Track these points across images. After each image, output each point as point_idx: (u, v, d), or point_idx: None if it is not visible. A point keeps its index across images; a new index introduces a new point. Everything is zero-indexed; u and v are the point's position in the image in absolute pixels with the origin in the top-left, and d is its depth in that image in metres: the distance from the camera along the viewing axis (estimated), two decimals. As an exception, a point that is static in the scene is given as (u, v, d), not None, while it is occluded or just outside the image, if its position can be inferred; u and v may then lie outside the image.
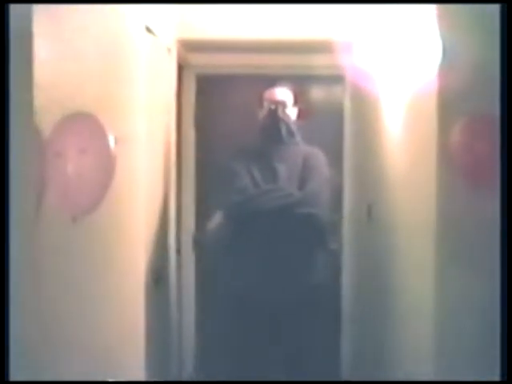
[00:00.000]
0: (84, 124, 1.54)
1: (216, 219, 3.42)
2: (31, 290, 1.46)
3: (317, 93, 4.41)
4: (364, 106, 3.70)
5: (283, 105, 3.40)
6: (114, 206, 2.13)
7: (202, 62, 4.28)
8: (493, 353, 2.22)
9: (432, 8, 2.31)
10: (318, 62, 4.01)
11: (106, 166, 1.57)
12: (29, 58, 1.42)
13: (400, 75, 2.85)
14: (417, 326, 2.54)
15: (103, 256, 2.06)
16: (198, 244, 4.33)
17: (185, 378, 4.31)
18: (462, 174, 2.25)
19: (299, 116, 3.51)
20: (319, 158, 3.40)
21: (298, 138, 3.42)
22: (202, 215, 4.23)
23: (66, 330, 1.73)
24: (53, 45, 1.59)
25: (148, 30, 2.83)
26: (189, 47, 4.02)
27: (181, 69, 4.10)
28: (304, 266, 3.28)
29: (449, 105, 2.28)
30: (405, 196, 2.81)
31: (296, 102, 3.49)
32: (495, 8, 2.21)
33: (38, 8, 1.48)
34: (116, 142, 1.61)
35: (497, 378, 2.15)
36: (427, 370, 2.37)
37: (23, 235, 1.36)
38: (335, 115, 4.28)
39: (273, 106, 3.39)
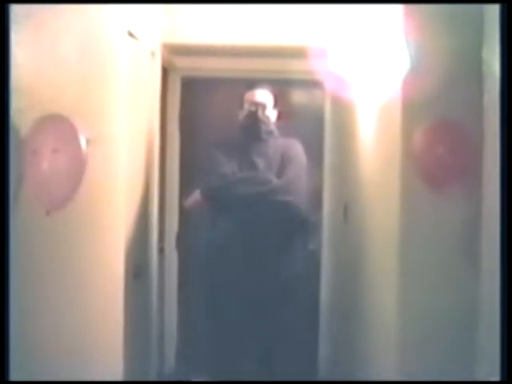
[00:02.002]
0: (58, 125, 1.65)
1: (195, 196, 3.50)
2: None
3: (298, 97, 4.52)
4: (343, 110, 3.80)
5: (263, 106, 3.48)
6: (91, 203, 2.23)
7: (187, 65, 4.38)
8: (456, 345, 2.35)
9: (400, 17, 2.42)
10: (300, 67, 4.10)
11: (77, 165, 1.67)
12: (6, 61, 1.52)
13: (370, 81, 2.96)
14: (385, 323, 2.65)
15: (79, 250, 2.15)
16: (181, 242, 4.43)
17: (166, 371, 4.40)
18: (424, 176, 2.37)
19: (279, 118, 3.61)
20: (296, 147, 3.49)
21: (276, 134, 3.52)
22: (185, 214, 4.35)
23: (41, 324, 1.80)
24: (32, 49, 1.69)
25: (130, 34, 2.93)
26: (174, 51, 4.12)
27: (166, 72, 4.20)
28: (282, 252, 3.35)
29: (413, 110, 2.39)
30: (373, 197, 2.92)
31: (276, 105, 3.59)
32: (463, 14, 2.33)
33: (17, 12, 1.59)
34: (88, 143, 1.72)
35: (461, 375, 2.28)
36: (394, 363, 2.49)
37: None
38: (316, 119, 4.39)
39: (253, 108, 3.47)
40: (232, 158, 3.41)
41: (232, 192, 3.29)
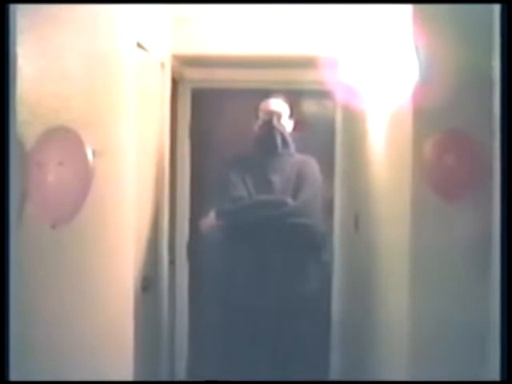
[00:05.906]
0: (63, 138, 1.64)
1: (211, 219, 3.47)
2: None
3: (309, 107, 4.51)
4: (353, 119, 3.79)
5: (278, 115, 3.45)
6: (99, 216, 2.22)
7: (197, 76, 4.39)
8: (469, 357, 2.31)
9: (409, 26, 2.40)
10: (310, 77, 4.09)
11: (83, 178, 1.67)
12: (13, 74, 1.51)
13: (380, 91, 2.94)
14: (397, 333, 2.62)
15: (87, 263, 2.14)
16: (192, 253, 4.42)
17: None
18: (435, 186, 2.34)
19: (295, 128, 3.58)
20: (312, 165, 3.47)
21: (293, 149, 3.49)
22: (196, 226, 4.33)
23: (48, 339, 1.79)
24: (37, 60, 1.68)
25: (139, 45, 2.94)
26: (184, 62, 4.13)
27: (176, 83, 4.20)
28: (296, 274, 3.34)
29: (424, 119, 2.37)
30: (384, 207, 2.90)
31: (292, 115, 3.56)
32: (473, 22, 2.31)
33: (24, 24, 1.57)
34: (94, 155, 1.71)
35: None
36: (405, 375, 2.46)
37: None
38: (327, 129, 4.37)
39: (268, 117, 3.45)
40: (247, 176, 3.38)
41: (248, 216, 3.28)
